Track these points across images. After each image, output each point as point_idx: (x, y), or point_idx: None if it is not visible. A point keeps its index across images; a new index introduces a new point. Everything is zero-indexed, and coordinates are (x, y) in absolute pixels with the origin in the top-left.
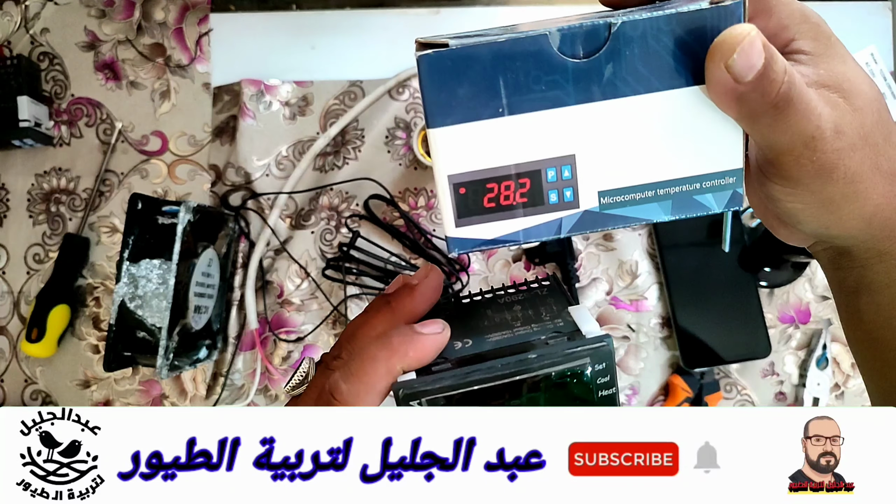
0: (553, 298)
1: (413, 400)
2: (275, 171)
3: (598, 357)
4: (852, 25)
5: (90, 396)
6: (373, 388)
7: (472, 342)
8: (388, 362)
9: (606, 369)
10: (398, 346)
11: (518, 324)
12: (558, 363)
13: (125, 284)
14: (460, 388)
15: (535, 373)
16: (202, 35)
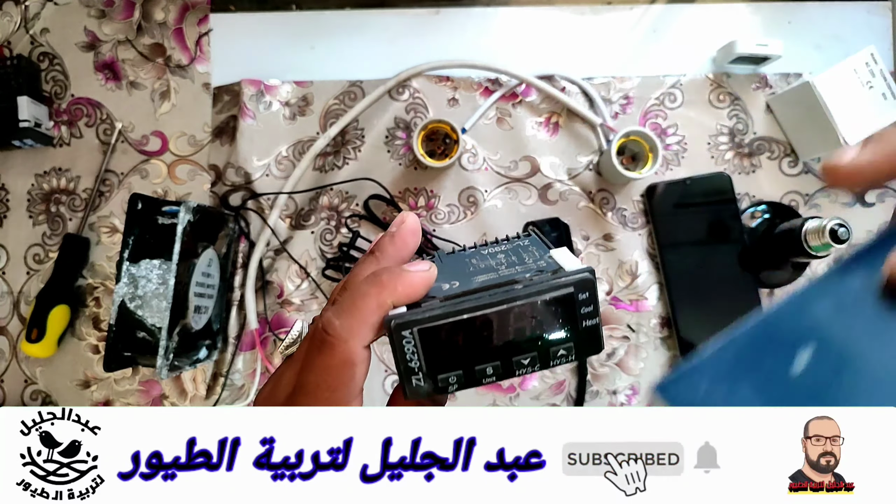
0: (535, 247)
1: (404, 329)
2: (275, 171)
3: (582, 286)
4: (852, 25)
5: (90, 396)
6: (364, 321)
7: (459, 283)
8: (378, 297)
9: (590, 299)
10: (387, 282)
11: (503, 267)
12: (544, 291)
13: (125, 284)
14: (450, 316)
15: (523, 301)
16: (202, 35)
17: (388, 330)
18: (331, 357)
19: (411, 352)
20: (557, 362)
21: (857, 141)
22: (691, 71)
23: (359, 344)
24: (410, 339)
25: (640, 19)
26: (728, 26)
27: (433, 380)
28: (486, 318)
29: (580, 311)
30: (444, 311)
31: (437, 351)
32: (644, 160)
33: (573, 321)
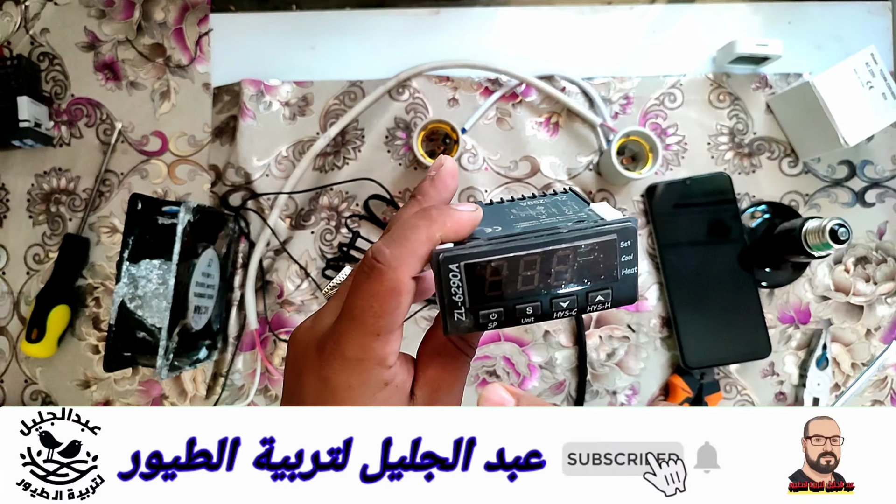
0: (573, 201)
1: (452, 263)
2: (275, 172)
3: (624, 234)
4: (852, 25)
5: (90, 397)
6: (413, 252)
7: (501, 228)
8: (427, 229)
9: (630, 247)
10: (436, 216)
11: (543, 217)
12: (588, 236)
13: (125, 285)
14: (496, 253)
15: (567, 243)
16: (202, 35)
17: (436, 263)
18: (379, 283)
19: (456, 286)
20: (594, 308)
21: (856, 142)
22: (691, 71)
23: (406, 273)
24: (457, 273)
25: (640, 19)
26: (728, 26)
27: (475, 315)
28: (531, 258)
29: (620, 258)
30: (490, 249)
31: (480, 287)
32: (644, 160)
33: (613, 268)
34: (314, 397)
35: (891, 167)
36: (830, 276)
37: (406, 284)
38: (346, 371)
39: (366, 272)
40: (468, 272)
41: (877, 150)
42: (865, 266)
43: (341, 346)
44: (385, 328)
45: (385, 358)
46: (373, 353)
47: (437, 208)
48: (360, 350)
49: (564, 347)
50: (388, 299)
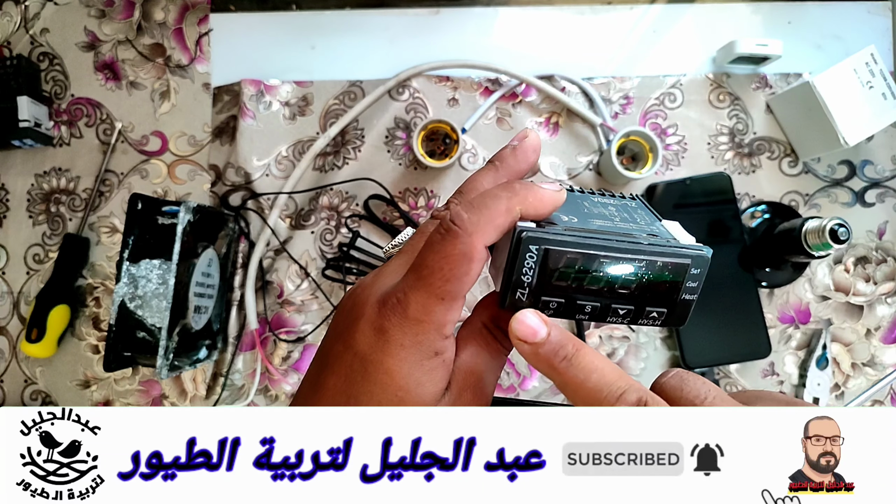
0: (643, 211)
1: (533, 244)
2: (275, 172)
3: (698, 262)
4: (852, 25)
5: (90, 396)
6: (492, 220)
7: (577, 220)
8: (509, 201)
9: (699, 275)
10: (519, 190)
11: (616, 219)
12: (665, 255)
13: (125, 284)
14: (578, 247)
15: (644, 256)
16: (202, 35)
17: (516, 238)
18: (452, 246)
19: (529, 266)
20: (646, 322)
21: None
22: (691, 71)
23: (481, 240)
24: (534, 255)
25: (640, 19)
26: (728, 26)
27: (536, 298)
28: (607, 260)
29: (686, 283)
30: (573, 240)
31: (552, 274)
32: (644, 160)
33: (676, 290)
34: (368, 345)
35: (891, 167)
36: (830, 276)
37: (479, 251)
38: (403, 328)
39: (441, 233)
40: (545, 256)
41: (877, 150)
42: (865, 266)
43: (405, 302)
44: (451, 293)
45: (444, 325)
46: (434, 317)
47: (521, 182)
48: (422, 311)
49: None
50: (459, 263)
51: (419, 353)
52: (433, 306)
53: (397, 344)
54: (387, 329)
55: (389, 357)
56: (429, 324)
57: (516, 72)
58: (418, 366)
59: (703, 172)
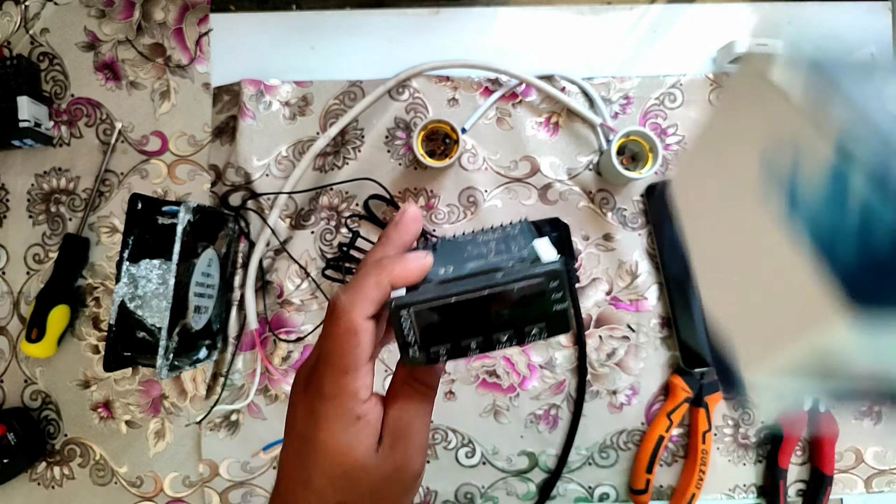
0: (522, 236)
1: (402, 309)
2: (275, 172)
3: (552, 275)
4: (852, 25)
5: (90, 397)
6: (364, 295)
7: (453, 268)
8: (377, 276)
9: (560, 286)
10: (387, 265)
11: (492, 255)
12: (518, 280)
13: (125, 284)
14: (440, 300)
15: (501, 288)
16: (202, 35)
17: (390, 310)
18: (337, 325)
19: (408, 328)
20: (532, 339)
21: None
22: (691, 71)
23: (359, 314)
24: (407, 318)
25: (640, 19)
26: (728, 26)
27: (426, 351)
28: (470, 302)
29: (551, 297)
30: (435, 295)
31: (429, 327)
32: (644, 160)
33: (545, 305)
34: (303, 425)
35: None
36: None
37: (360, 325)
38: (325, 404)
39: (328, 317)
40: (417, 316)
41: None
42: None
43: (319, 383)
44: (351, 365)
45: (356, 392)
46: (345, 389)
47: (390, 258)
48: (334, 386)
49: (564, 347)
50: (346, 339)
51: (344, 422)
52: (341, 380)
53: (324, 418)
54: (314, 409)
55: (321, 431)
56: (343, 395)
57: (516, 72)
58: (345, 432)
59: None
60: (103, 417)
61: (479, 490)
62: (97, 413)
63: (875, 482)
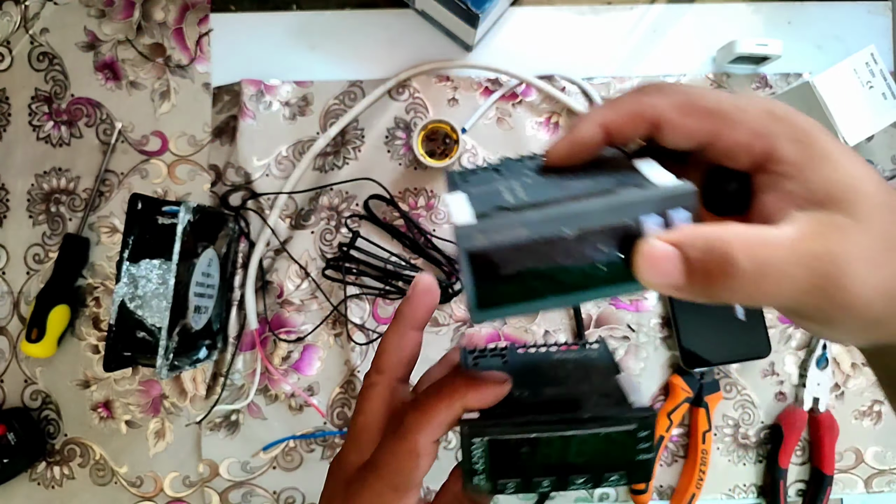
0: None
1: (475, 437)
2: (275, 172)
3: (643, 425)
4: (852, 25)
5: (90, 397)
6: (435, 420)
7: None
8: (450, 400)
9: (648, 437)
10: (459, 387)
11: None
12: (606, 424)
13: (125, 284)
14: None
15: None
16: (202, 35)
17: (462, 435)
18: (399, 443)
19: (478, 456)
20: (608, 484)
21: (856, 142)
22: (691, 71)
23: (427, 439)
24: (480, 446)
25: (641, 19)
26: (728, 26)
27: (493, 482)
28: (551, 441)
29: (638, 445)
30: (514, 428)
31: (501, 459)
32: None
33: (629, 452)
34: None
35: (891, 167)
36: None
37: (426, 448)
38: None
39: (392, 429)
40: (491, 447)
41: (877, 150)
42: None
43: (364, 494)
44: (403, 486)
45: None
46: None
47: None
48: (378, 498)
49: None
50: (407, 459)
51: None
52: (387, 496)
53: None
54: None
55: None
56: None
57: (516, 72)
58: None
59: None
60: (103, 417)
61: None
62: (97, 413)
63: (875, 482)
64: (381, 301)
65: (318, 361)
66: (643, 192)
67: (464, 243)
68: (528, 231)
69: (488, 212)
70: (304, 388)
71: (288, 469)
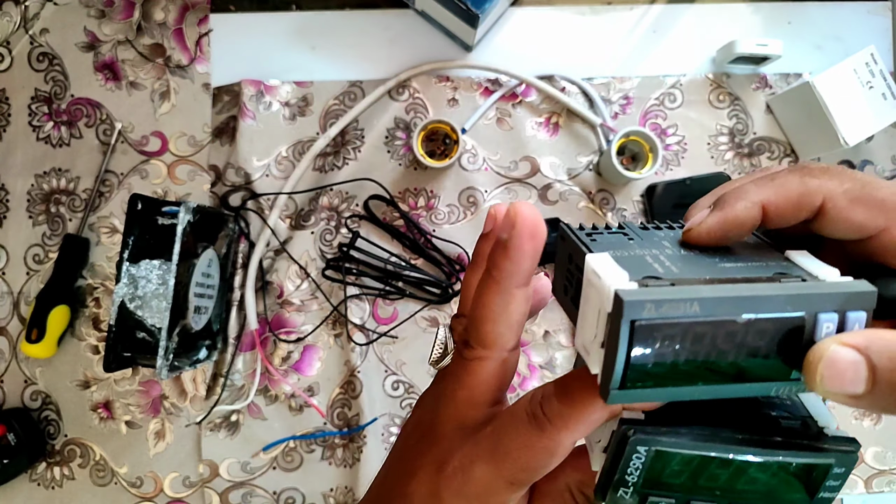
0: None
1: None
2: (274, 172)
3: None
4: (852, 25)
5: (90, 397)
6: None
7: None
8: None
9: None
10: None
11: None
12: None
13: (125, 285)
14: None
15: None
16: (202, 35)
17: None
18: (538, 438)
19: (636, 467)
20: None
21: (856, 142)
22: (691, 71)
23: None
24: (642, 457)
25: (640, 19)
26: (728, 26)
27: (642, 498)
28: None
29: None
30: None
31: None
32: (644, 160)
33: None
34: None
35: (891, 167)
36: None
37: (565, 448)
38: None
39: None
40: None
41: (877, 151)
42: None
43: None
44: (523, 482)
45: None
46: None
47: None
48: (485, 490)
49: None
50: (540, 457)
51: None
52: (499, 488)
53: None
54: (442, 498)
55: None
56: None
57: (516, 72)
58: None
59: (703, 172)
60: (103, 418)
61: None
62: (97, 413)
63: (875, 482)
64: (381, 301)
65: (318, 362)
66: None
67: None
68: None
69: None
70: (304, 388)
71: (288, 469)
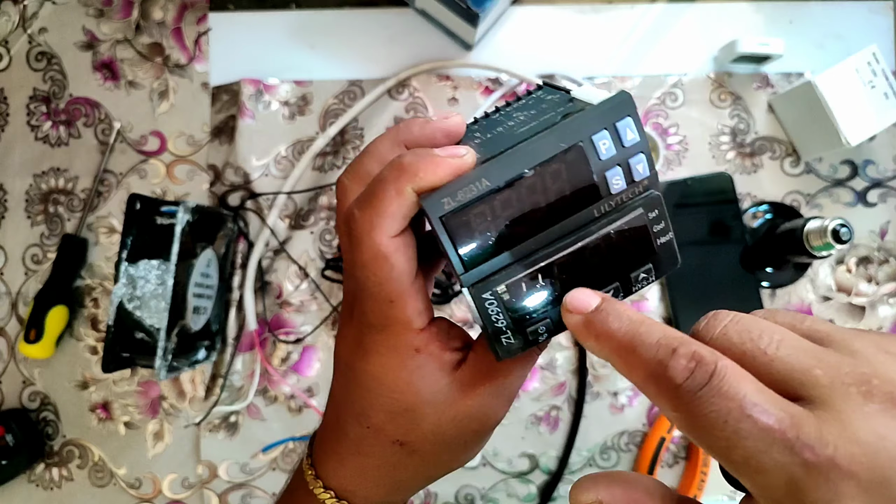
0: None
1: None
2: (274, 171)
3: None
4: (854, 24)
5: (89, 398)
6: (384, 212)
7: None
8: (396, 183)
9: (660, 215)
10: (408, 166)
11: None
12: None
13: (123, 285)
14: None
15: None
16: (201, 34)
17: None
18: (360, 253)
19: (495, 312)
20: (640, 286)
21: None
22: (693, 70)
23: (382, 235)
24: (492, 301)
25: (642, 18)
26: (729, 25)
27: (523, 334)
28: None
29: (653, 229)
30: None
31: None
32: None
33: (648, 241)
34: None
35: (893, 167)
36: (832, 277)
37: (387, 246)
38: (374, 335)
39: (350, 241)
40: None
41: (879, 150)
42: (867, 266)
43: (363, 311)
44: (394, 293)
45: (408, 322)
46: (394, 319)
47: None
48: (380, 316)
49: (565, 348)
50: (377, 266)
51: (400, 356)
52: (386, 311)
53: (375, 352)
54: (362, 340)
55: (372, 365)
56: (395, 326)
57: (517, 71)
58: (403, 368)
59: (704, 172)
60: (102, 419)
61: (480, 492)
62: (96, 414)
63: None
64: None
65: (318, 363)
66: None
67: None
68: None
69: None
70: (303, 389)
71: (287, 470)
